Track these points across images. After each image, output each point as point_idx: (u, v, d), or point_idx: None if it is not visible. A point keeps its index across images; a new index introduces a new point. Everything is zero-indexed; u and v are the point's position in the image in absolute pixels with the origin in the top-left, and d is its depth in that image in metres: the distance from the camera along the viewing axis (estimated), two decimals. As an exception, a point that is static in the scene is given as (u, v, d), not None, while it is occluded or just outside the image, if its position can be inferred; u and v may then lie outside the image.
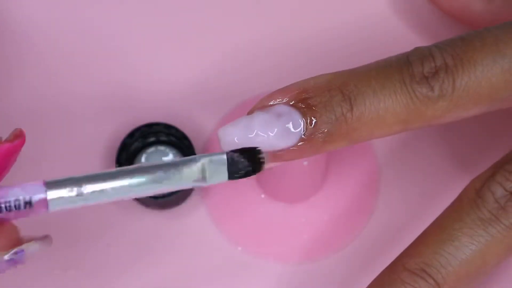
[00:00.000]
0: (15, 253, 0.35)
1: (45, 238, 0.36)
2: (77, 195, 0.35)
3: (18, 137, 0.36)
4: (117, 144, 0.47)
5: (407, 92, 0.37)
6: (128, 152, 0.48)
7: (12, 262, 0.35)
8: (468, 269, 0.37)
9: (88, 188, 0.35)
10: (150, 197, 0.46)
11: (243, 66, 0.51)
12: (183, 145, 0.48)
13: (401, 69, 0.37)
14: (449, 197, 0.42)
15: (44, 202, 0.35)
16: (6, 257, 0.35)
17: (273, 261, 0.48)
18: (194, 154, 0.47)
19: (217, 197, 0.48)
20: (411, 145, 0.49)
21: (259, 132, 0.36)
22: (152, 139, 0.48)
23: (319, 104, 0.37)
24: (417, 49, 0.38)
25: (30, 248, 0.35)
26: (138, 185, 0.35)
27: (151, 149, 0.49)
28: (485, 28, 0.38)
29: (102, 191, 0.35)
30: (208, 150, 0.49)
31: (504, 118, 0.49)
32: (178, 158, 0.37)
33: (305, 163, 0.44)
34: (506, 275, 0.47)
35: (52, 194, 0.35)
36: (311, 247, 0.48)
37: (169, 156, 0.49)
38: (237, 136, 0.37)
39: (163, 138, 0.48)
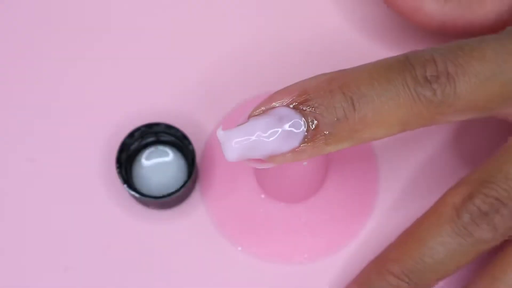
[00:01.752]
0: None
1: None
2: None
3: None
4: (117, 144, 0.47)
5: (410, 94, 0.37)
6: (128, 152, 0.48)
7: None
8: (442, 274, 0.41)
9: None
10: (150, 197, 0.46)
11: (243, 66, 0.51)
12: (183, 145, 0.48)
13: (403, 71, 0.37)
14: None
15: None
16: None
17: (273, 261, 0.48)
18: (194, 152, 0.47)
19: (217, 198, 0.48)
20: (410, 145, 0.49)
21: (261, 135, 0.36)
22: (152, 139, 0.49)
23: (320, 106, 0.37)
24: (416, 52, 0.38)
25: None
26: None
27: (151, 149, 0.49)
28: (481, 39, 0.39)
29: None
30: (208, 150, 0.49)
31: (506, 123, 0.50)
32: None
33: (305, 163, 0.44)
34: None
35: None
36: (310, 247, 0.48)
37: (170, 156, 0.49)
38: (239, 140, 0.37)
39: (163, 138, 0.48)
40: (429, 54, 0.38)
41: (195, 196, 0.49)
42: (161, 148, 0.49)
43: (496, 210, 0.40)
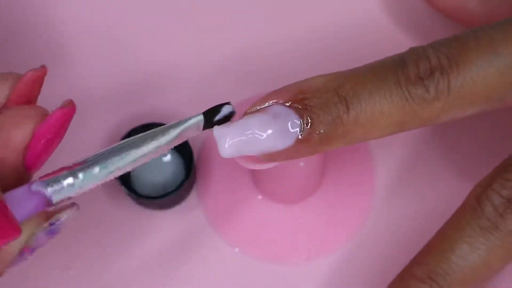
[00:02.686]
0: (53, 223, 0.36)
1: (73, 205, 0.37)
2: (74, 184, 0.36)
3: (70, 105, 0.37)
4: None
5: (402, 93, 0.37)
6: (126, 152, 0.48)
7: (51, 232, 0.36)
8: (472, 275, 0.39)
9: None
10: (148, 197, 0.46)
11: (241, 66, 0.51)
12: (181, 145, 0.48)
13: (396, 70, 0.37)
14: (446, 197, 0.42)
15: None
16: (46, 226, 0.36)
17: (270, 262, 0.48)
18: (192, 153, 0.47)
19: (214, 199, 0.48)
20: (407, 145, 0.49)
21: (256, 132, 0.36)
22: (149, 139, 0.48)
23: (315, 105, 0.37)
24: (412, 50, 0.38)
25: (65, 215, 0.36)
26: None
27: (148, 150, 0.49)
28: (480, 27, 0.38)
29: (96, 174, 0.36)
30: (205, 149, 0.49)
31: (504, 118, 0.49)
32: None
33: (302, 164, 0.44)
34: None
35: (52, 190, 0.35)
36: (308, 248, 0.48)
37: (167, 156, 0.49)
38: (234, 136, 0.36)
39: (161, 138, 0.48)
40: (423, 50, 0.37)
41: (193, 197, 0.49)
42: (158, 148, 0.49)
43: None
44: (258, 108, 0.37)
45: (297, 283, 0.47)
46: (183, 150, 0.48)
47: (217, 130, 0.37)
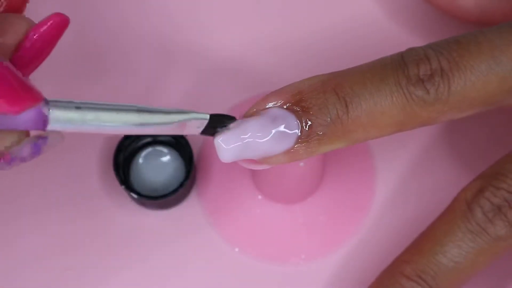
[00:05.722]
0: (40, 138, 0.35)
1: (59, 133, 0.36)
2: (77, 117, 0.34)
3: (64, 15, 0.36)
4: (114, 145, 0.47)
5: (403, 94, 0.37)
6: (126, 153, 0.48)
7: (35, 147, 0.35)
8: (459, 275, 0.40)
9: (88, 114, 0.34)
10: (148, 197, 0.46)
11: (240, 67, 0.51)
12: (180, 145, 0.48)
13: (396, 70, 0.37)
14: (446, 196, 0.42)
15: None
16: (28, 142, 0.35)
17: (270, 262, 0.48)
18: (192, 153, 0.47)
19: (214, 199, 0.48)
20: (407, 145, 0.49)
21: (254, 136, 0.36)
22: (148, 139, 0.48)
23: (314, 107, 0.36)
24: (411, 50, 0.38)
25: (52, 136, 0.36)
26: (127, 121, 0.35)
27: (148, 149, 0.49)
28: (480, 31, 0.38)
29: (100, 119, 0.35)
30: (205, 149, 0.49)
31: (503, 117, 0.49)
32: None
33: (302, 164, 0.44)
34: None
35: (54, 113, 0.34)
36: (308, 248, 0.48)
37: (167, 156, 0.49)
38: (233, 141, 0.36)
39: (160, 138, 0.48)
40: (424, 51, 0.37)
41: (193, 197, 0.49)
42: (158, 148, 0.49)
43: (510, 204, 0.39)
44: (256, 110, 0.37)
45: (297, 283, 0.47)
46: (183, 150, 0.48)
47: (216, 138, 0.37)
